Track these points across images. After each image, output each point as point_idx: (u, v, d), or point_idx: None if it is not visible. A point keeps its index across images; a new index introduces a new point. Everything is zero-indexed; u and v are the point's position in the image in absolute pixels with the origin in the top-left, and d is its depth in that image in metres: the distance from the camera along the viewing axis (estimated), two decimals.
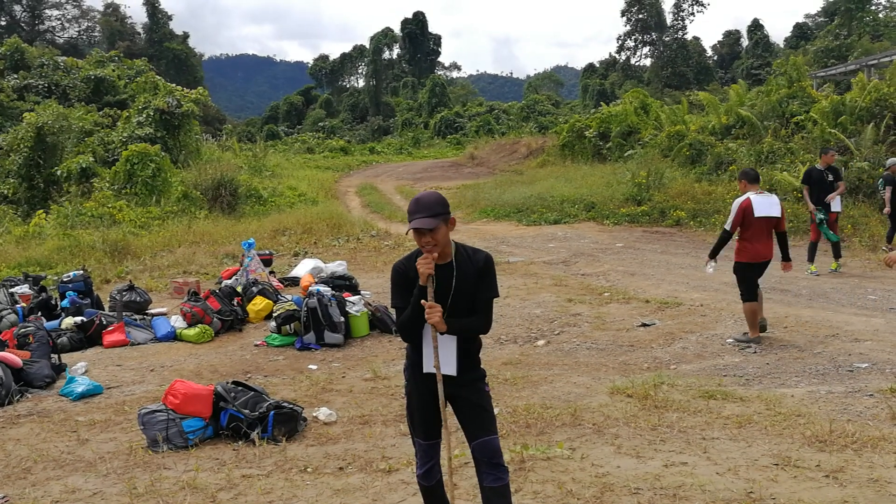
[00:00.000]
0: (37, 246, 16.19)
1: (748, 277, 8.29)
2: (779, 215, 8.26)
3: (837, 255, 12.51)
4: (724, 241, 8.45)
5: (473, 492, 4.37)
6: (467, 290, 3.61)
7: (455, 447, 5.35)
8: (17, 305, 10.31)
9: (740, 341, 8.32)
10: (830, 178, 12.42)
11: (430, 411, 3.75)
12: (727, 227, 8.39)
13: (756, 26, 65.32)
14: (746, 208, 8.17)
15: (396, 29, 78.18)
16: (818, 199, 12.35)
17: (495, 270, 3.73)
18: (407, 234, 3.63)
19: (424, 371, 3.69)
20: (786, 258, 8.54)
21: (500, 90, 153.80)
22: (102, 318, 9.55)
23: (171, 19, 73.06)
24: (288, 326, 9.20)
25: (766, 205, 8.20)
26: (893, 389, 6.35)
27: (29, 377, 7.50)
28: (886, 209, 13.38)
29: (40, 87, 34.94)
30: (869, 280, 11.74)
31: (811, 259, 12.46)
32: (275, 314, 9.51)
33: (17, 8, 70.71)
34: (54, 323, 9.72)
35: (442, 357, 3.63)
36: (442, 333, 3.58)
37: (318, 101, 78.06)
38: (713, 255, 8.53)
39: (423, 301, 3.52)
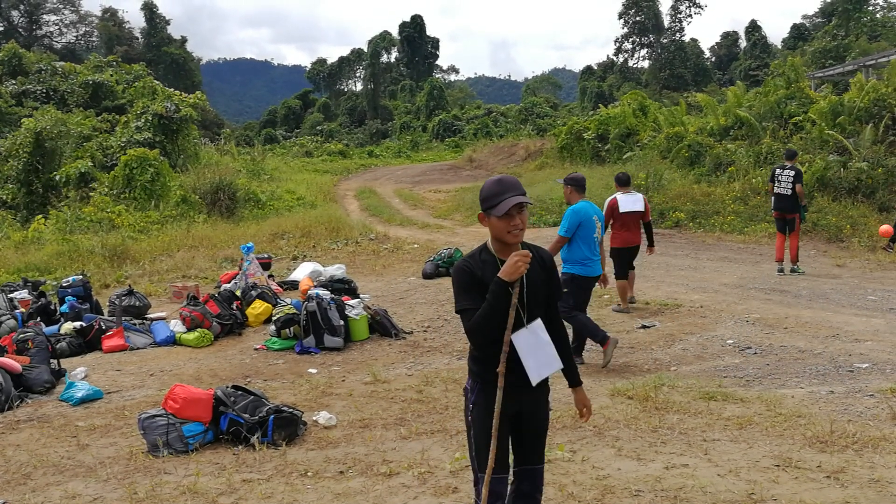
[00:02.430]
0: (36, 251, 16.17)
1: (621, 260, 10.02)
2: (642, 209, 10.07)
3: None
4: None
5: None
6: (537, 287, 3.36)
7: (456, 450, 5.35)
8: (17, 311, 10.30)
9: (617, 311, 10.02)
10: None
11: (503, 436, 3.34)
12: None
13: (753, 27, 65.44)
14: (613, 206, 9.97)
15: (394, 32, 78.28)
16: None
17: None
18: (490, 215, 3.26)
19: (533, 383, 3.31)
20: (650, 244, 10.38)
21: (497, 93, 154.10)
22: (102, 323, 9.54)
23: (169, 24, 73.30)
24: (287, 330, 9.18)
25: (629, 202, 9.96)
26: (894, 390, 6.35)
27: (28, 382, 7.48)
28: None
29: (38, 92, 34.91)
30: (869, 280, 11.75)
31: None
32: (274, 318, 9.50)
33: (15, 13, 70.83)
34: (53, 328, 9.71)
35: (540, 358, 3.31)
36: (543, 330, 3.32)
37: (316, 105, 78.09)
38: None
39: (517, 252, 3.18)
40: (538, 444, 3.49)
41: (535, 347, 3.33)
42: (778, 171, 12.58)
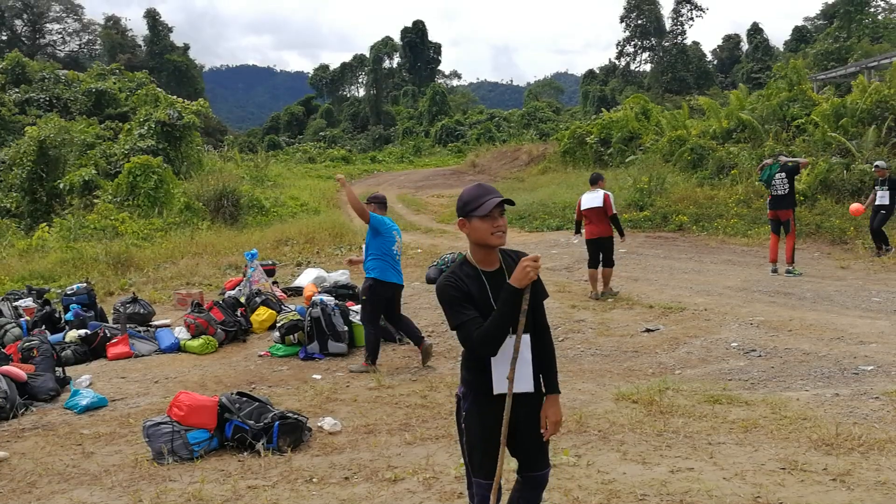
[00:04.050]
0: (40, 259, 16.21)
1: (589, 250, 11.26)
2: (599, 205, 11.03)
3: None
4: (577, 224, 11.62)
5: None
6: (533, 292, 3.27)
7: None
8: (21, 319, 10.31)
9: (591, 298, 11.13)
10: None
11: (496, 442, 3.32)
12: (576, 216, 11.67)
13: (755, 30, 65.44)
14: (578, 204, 11.45)
15: (396, 38, 78.46)
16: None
17: None
18: (472, 218, 3.24)
19: (496, 392, 3.28)
20: (620, 234, 11.46)
21: (500, 98, 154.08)
22: (106, 331, 9.55)
23: (172, 31, 73.50)
24: (291, 336, 9.19)
25: (589, 199, 11.17)
26: None
27: (33, 390, 7.49)
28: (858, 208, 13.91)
29: (42, 100, 35.07)
30: (873, 282, 11.72)
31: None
32: (278, 324, 9.51)
33: (18, 22, 71.08)
34: (58, 336, 9.72)
35: (518, 373, 3.26)
36: (527, 345, 3.29)
37: (318, 111, 78.26)
38: (576, 231, 11.73)
39: (527, 257, 3.15)
40: (541, 450, 3.46)
41: (520, 361, 3.27)
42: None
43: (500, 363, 3.26)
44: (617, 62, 72.67)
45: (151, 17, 70.59)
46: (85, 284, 11.63)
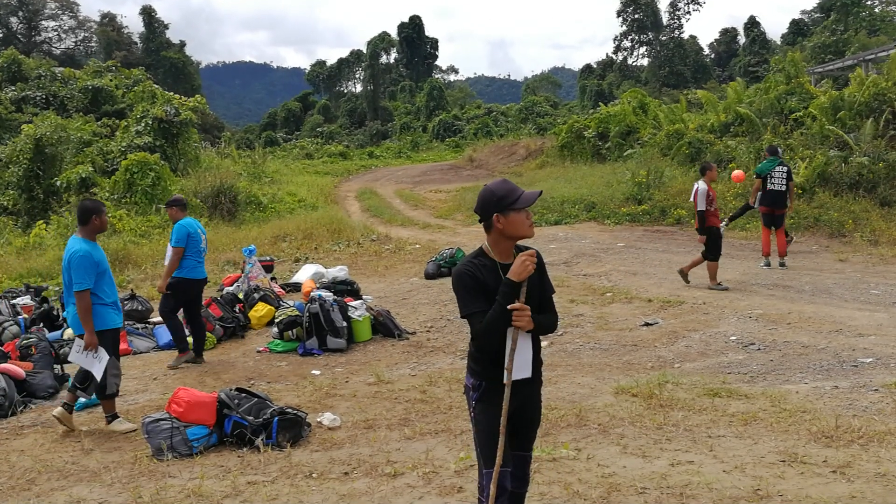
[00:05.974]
0: (37, 257, 16.18)
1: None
2: (691, 199, 11.40)
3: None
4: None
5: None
6: (534, 286, 3.43)
7: (460, 450, 5.35)
8: (19, 317, 10.30)
9: (712, 288, 10.96)
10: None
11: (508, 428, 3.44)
12: None
13: (752, 23, 65.34)
14: None
15: (393, 33, 78.25)
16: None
17: None
18: (509, 212, 3.38)
19: (507, 380, 3.38)
20: (698, 232, 11.21)
21: (497, 92, 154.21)
22: None
23: (168, 28, 73.40)
24: (290, 332, 9.18)
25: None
26: None
27: (32, 388, 7.49)
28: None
29: (38, 98, 34.96)
30: (871, 275, 11.72)
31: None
32: (277, 320, 9.50)
33: (14, 19, 70.89)
34: (56, 334, 9.71)
35: (519, 360, 3.40)
36: (528, 332, 3.42)
37: (315, 107, 78.10)
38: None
39: (516, 302, 3.30)
40: (531, 434, 3.64)
41: (522, 348, 3.41)
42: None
43: (517, 354, 3.38)
44: (614, 57, 72.64)
45: (147, 14, 70.44)
46: None
